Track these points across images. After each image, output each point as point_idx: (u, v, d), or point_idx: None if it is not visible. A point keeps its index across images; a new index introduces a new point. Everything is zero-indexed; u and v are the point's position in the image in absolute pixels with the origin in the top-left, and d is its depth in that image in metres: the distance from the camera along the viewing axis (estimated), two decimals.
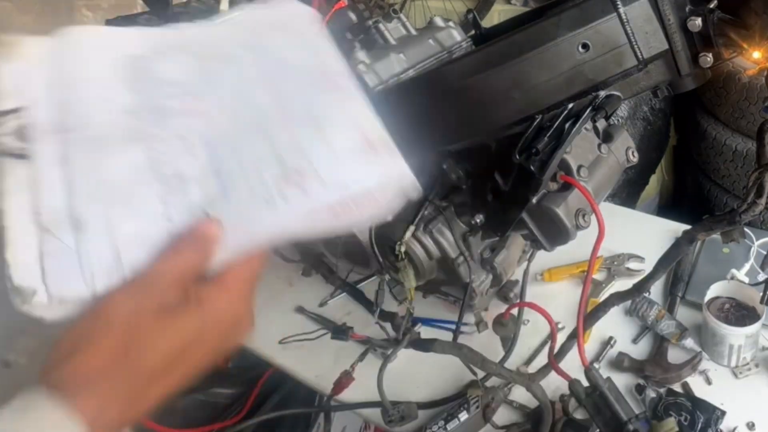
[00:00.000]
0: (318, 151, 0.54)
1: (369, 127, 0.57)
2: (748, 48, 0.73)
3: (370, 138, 0.56)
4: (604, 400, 0.80)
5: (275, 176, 0.53)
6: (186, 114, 0.56)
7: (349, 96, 0.59)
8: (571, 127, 0.75)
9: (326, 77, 0.60)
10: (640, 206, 2.34)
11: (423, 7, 2.97)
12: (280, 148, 0.55)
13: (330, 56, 0.62)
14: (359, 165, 0.55)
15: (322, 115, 0.57)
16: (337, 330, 1.14)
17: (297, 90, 0.58)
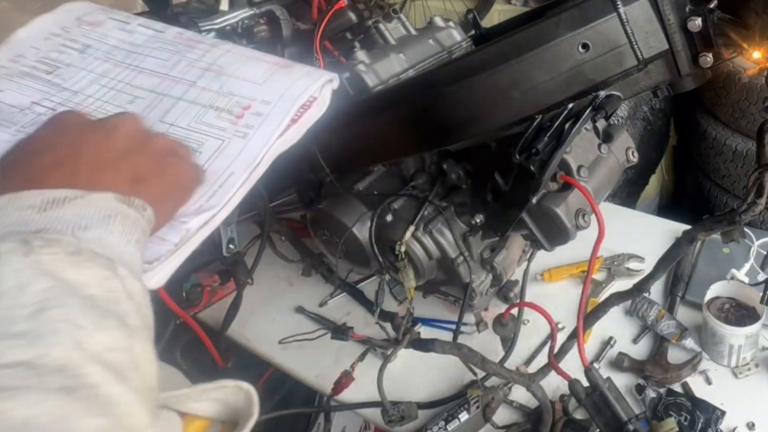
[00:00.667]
0: (242, 86, 0.62)
1: (268, 56, 0.66)
2: (748, 48, 0.73)
3: (276, 61, 0.64)
4: (604, 400, 0.80)
5: (221, 117, 0.60)
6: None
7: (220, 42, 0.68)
8: (571, 127, 0.75)
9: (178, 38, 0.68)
10: (640, 206, 2.34)
11: (423, 7, 2.97)
12: (199, 99, 0.62)
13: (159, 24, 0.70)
14: (286, 80, 0.62)
15: (213, 62, 0.64)
16: (337, 330, 1.14)
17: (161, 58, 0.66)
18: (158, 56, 0.65)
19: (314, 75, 0.63)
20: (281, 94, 0.61)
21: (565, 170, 0.91)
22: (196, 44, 0.66)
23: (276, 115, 0.60)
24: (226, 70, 0.63)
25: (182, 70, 0.64)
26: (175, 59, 0.65)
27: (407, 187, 1.06)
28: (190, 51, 0.65)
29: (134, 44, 0.66)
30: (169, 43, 0.67)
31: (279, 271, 1.36)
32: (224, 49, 0.66)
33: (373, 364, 1.01)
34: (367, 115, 0.93)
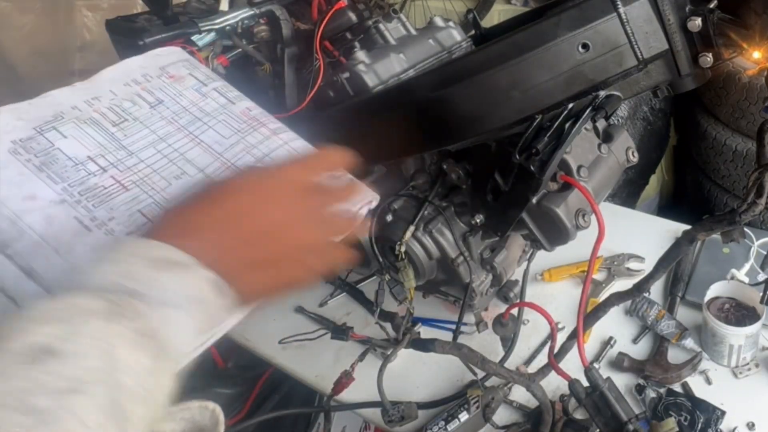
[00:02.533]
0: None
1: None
2: (748, 48, 0.73)
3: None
4: (604, 400, 0.80)
5: None
6: (122, 186, 0.59)
7: (282, 130, 0.70)
8: (571, 127, 0.75)
9: (245, 115, 0.70)
10: (640, 206, 2.34)
11: (423, 7, 2.97)
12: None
13: (234, 91, 0.73)
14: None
15: (267, 155, 0.66)
16: (337, 330, 1.14)
17: (221, 134, 0.67)
18: (220, 131, 0.67)
19: (351, 204, 0.61)
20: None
21: (565, 170, 0.91)
22: (259, 126, 0.68)
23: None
24: None
25: (236, 154, 0.65)
26: (234, 139, 0.66)
27: (407, 187, 1.06)
28: (251, 133, 0.67)
29: (203, 111, 0.68)
30: (235, 118, 0.68)
31: None
32: (283, 140, 0.67)
33: (373, 364, 1.01)
34: (367, 115, 0.93)
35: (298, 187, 0.52)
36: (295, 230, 0.50)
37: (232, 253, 0.47)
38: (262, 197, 0.50)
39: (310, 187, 0.53)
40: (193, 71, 0.72)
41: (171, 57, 0.73)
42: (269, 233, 0.49)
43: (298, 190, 0.52)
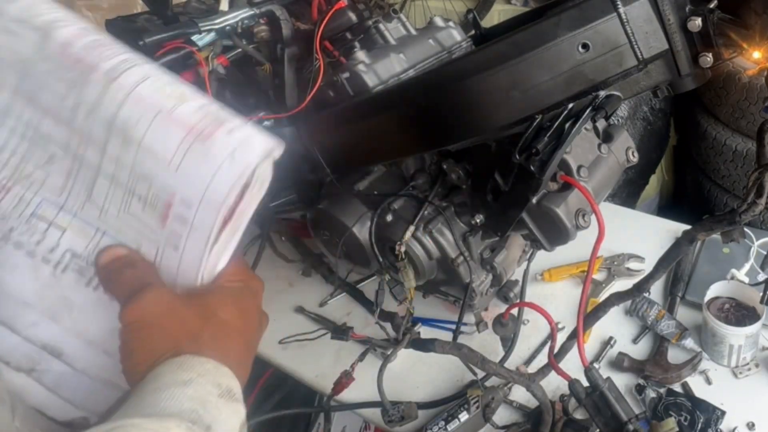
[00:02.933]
0: (155, 170, 0.49)
1: (181, 109, 0.50)
2: (748, 48, 0.73)
3: (192, 124, 0.49)
4: (604, 400, 0.80)
5: (147, 213, 0.51)
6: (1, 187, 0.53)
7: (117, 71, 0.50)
8: (571, 127, 0.75)
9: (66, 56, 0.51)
10: (640, 206, 2.34)
11: (423, 7, 2.97)
12: (118, 178, 0.51)
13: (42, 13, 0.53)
14: (205, 167, 0.48)
15: (114, 116, 0.50)
16: (337, 330, 1.14)
17: (58, 93, 0.51)
18: (53, 88, 0.51)
19: (242, 158, 0.49)
20: (201, 195, 0.48)
21: (565, 170, 0.91)
22: (90, 73, 0.50)
23: (201, 226, 0.49)
24: (132, 133, 0.49)
25: (85, 122, 0.51)
26: (73, 98, 0.51)
27: (407, 187, 1.06)
28: (85, 87, 0.50)
29: (19, 57, 0.52)
30: (60, 66, 0.51)
31: (279, 271, 1.36)
32: (123, 89, 0.50)
33: (373, 364, 1.01)
34: (367, 115, 0.93)
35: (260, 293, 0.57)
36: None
37: (246, 365, 0.52)
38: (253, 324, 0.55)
39: None
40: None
41: None
42: (255, 341, 0.55)
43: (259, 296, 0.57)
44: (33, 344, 0.52)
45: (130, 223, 0.51)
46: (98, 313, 0.52)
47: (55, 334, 0.53)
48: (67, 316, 0.53)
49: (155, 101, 0.50)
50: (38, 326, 0.53)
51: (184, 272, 0.51)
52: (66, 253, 0.53)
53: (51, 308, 0.53)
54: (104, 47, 0.52)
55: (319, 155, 1.00)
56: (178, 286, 0.52)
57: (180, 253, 0.51)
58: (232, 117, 0.51)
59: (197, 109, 0.50)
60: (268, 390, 1.45)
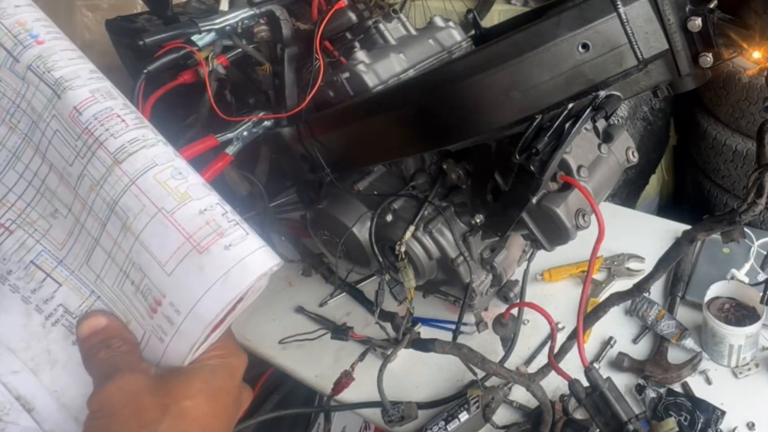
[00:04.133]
0: (149, 265, 0.49)
1: (182, 212, 0.48)
2: (748, 48, 0.73)
3: (190, 231, 0.48)
4: (604, 400, 0.80)
5: (138, 299, 0.50)
6: (3, 227, 0.53)
7: (124, 153, 0.49)
8: (571, 127, 0.75)
9: (76, 123, 0.50)
10: (640, 206, 2.34)
11: (423, 7, 2.97)
12: (115, 257, 0.51)
13: (55, 67, 0.52)
14: (197, 284, 0.47)
15: (116, 201, 0.49)
16: (337, 330, 1.14)
17: (64, 157, 0.51)
18: (59, 149, 0.51)
19: (236, 278, 0.47)
20: (190, 307, 0.48)
21: (565, 170, 0.91)
22: (96, 147, 0.49)
23: (186, 333, 0.49)
24: (132, 224, 0.49)
25: (88, 193, 0.50)
26: (78, 167, 0.50)
27: (407, 187, 1.06)
28: (91, 160, 0.49)
29: (33, 108, 0.51)
30: (69, 129, 0.50)
31: (279, 271, 1.35)
32: (127, 178, 0.48)
33: (373, 364, 1.01)
34: (367, 115, 0.93)
35: (240, 383, 0.53)
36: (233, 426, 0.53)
37: None
38: (223, 412, 0.51)
39: None
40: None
41: None
42: (223, 427, 0.51)
43: (241, 386, 0.54)
44: (9, 392, 0.51)
45: (122, 299, 0.51)
46: (78, 375, 0.51)
47: (31, 387, 0.51)
48: (48, 372, 0.52)
49: (157, 197, 0.48)
50: (18, 375, 0.51)
51: (168, 360, 0.51)
52: (59, 308, 0.52)
53: (34, 359, 0.52)
54: (114, 119, 0.50)
55: (319, 155, 1.01)
56: (161, 366, 0.51)
57: (164, 346, 0.50)
58: (232, 227, 0.49)
59: (198, 213, 0.49)
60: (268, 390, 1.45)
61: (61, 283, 0.52)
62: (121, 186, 0.48)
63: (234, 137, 1.05)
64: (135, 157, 0.49)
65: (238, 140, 1.05)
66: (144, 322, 0.50)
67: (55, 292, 0.52)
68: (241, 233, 0.49)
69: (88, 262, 0.52)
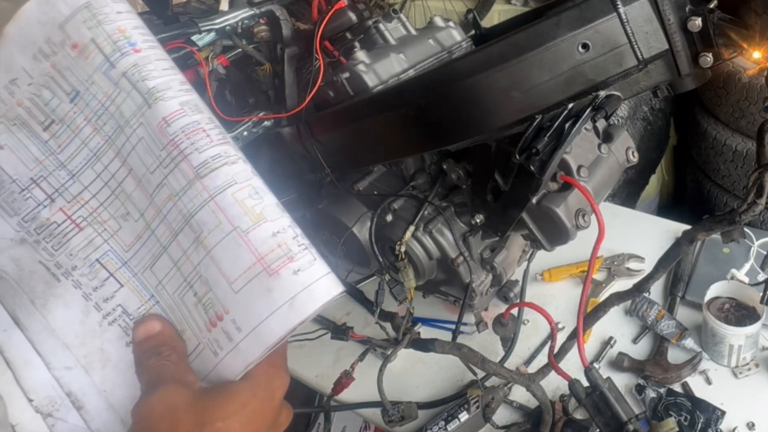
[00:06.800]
0: (217, 281, 0.50)
1: (256, 233, 0.49)
2: (748, 48, 0.73)
3: (262, 253, 0.49)
4: (604, 400, 0.80)
5: (198, 311, 0.51)
6: (74, 224, 0.54)
7: (206, 168, 0.51)
8: (571, 127, 0.75)
9: (163, 133, 0.52)
10: (640, 206, 2.34)
11: (423, 7, 2.97)
12: (181, 267, 0.52)
13: (149, 76, 0.53)
14: (263, 305, 0.48)
15: (192, 214, 0.50)
16: (337, 330, 1.14)
17: (145, 164, 0.52)
18: (142, 156, 0.52)
19: (302, 304, 0.48)
20: (253, 327, 0.49)
21: (565, 170, 0.91)
22: (180, 160, 0.51)
23: (246, 350, 0.49)
24: (205, 239, 0.50)
25: (165, 203, 0.52)
26: (159, 176, 0.52)
27: (407, 187, 1.06)
28: (173, 171, 0.51)
29: (121, 113, 0.53)
30: (154, 139, 0.52)
31: None
32: (207, 192, 0.50)
33: (373, 364, 1.01)
34: (367, 115, 0.93)
35: (280, 403, 0.53)
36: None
37: None
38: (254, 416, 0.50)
39: None
40: (96, 33, 0.53)
41: (68, 1, 0.54)
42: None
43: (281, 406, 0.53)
44: (60, 388, 0.52)
45: (180, 308, 0.52)
46: (128, 377, 0.52)
47: (83, 385, 0.53)
48: (100, 370, 0.53)
49: (234, 215, 0.49)
50: (71, 371, 0.53)
51: (218, 375, 0.51)
52: (118, 308, 0.53)
53: (87, 357, 0.53)
54: (200, 134, 0.52)
55: (319, 155, 1.00)
56: (208, 379, 0.52)
57: (218, 360, 0.51)
58: (301, 252, 0.50)
59: (271, 236, 0.50)
60: None
61: (123, 284, 0.54)
62: (199, 200, 0.50)
63: (234, 137, 1.05)
64: (216, 173, 0.50)
65: (238, 140, 1.05)
66: (200, 334, 0.51)
67: (115, 292, 0.54)
68: (310, 258, 0.50)
69: (152, 268, 0.53)
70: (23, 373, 0.52)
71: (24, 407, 0.51)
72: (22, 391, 0.52)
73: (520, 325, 1.14)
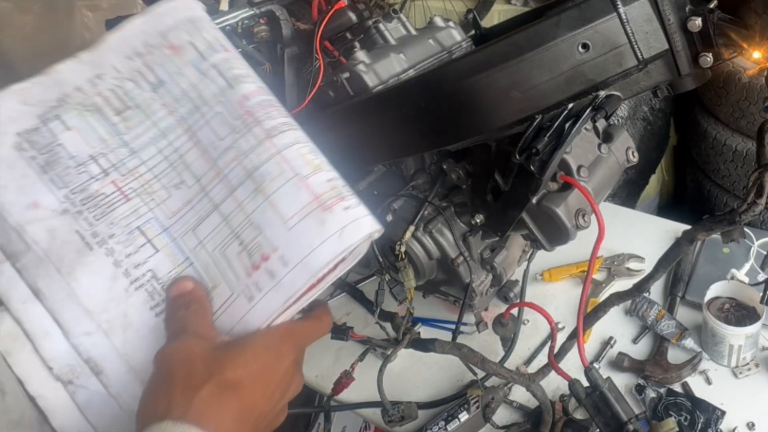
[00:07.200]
0: (271, 222, 0.55)
1: (314, 178, 0.57)
2: (748, 48, 0.73)
3: (318, 193, 0.56)
4: (604, 400, 0.80)
5: (241, 258, 0.55)
6: (123, 195, 0.57)
7: (276, 131, 0.59)
8: (571, 127, 0.75)
9: (241, 106, 0.60)
10: (640, 206, 2.34)
11: (423, 7, 2.97)
12: (231, 219, 0.56)
13: (235, 67, 0.62)
14: (316, 235, 0.54)
15: (257, 167, 0.57)
16: (337, 330, 1.14)
17: (217, 133, 0.59)
18: (216, 127, 0.59)
19: (350, 235, 0.55)
20: (302, 258, 0.53)
21: (565, 170, 0.91)
22: (254, 126, 0.58)
23: (288, 286, 0.54)
24: (266, 186, 0.56)
25: (229, 163, 0.57)
26: (229, 141, 0.58)
27: (407, 187, 1.06)
28: (245, 136, 0.58)
29: (201, 97, 0.60)
30: (231, 112, 0.59)
31: None
32: (275, 148, 0.57)
33: (373, 364, 1.01)
34: (367, 115, 0.93)
35: (291, 368, 0.56)
36: (284, 411, 0.57)
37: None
38: (266, 390, 0.53)
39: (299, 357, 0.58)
40: (194, 37, 0.62)
41: (174, 16, 0.63)
42: (271, 422, 0.55)
43: (292, 371, 0.56)
44: (79, 355, 0.54)
45: (218, 263, 0.56)
46: (151, 339, 0.54)
47: (102, 350, 0.54)
48: (121, 335, 0.54)
49: (296, 165, 0.57)
50: (90, 337, 0.54)
51: (247, 323, 0.54)
52: (148, 272, 0.56)
53: (109, 321, 0.54)
54: (273, 108, 0.62)
55: None
56: (233, 333, 0.54)
57: (252, 305, 0.54)
58: (351, 194, 0.58)
59: (327, 180, 0.57)
60: None
61: (159, 249, 0.56)
62: (267, 155, 0.57)
63: None
64: (285, 134, 0.59)
65: None
66: (237, 283, 0.55)
67: (149, 257, 0.56)
68: (357, 200, 0.58)
69: (196, 230, 0.57)
70: (42, 343, 0.53)
71: (44, 378, 0.53)
72: (42, 361, 0.53)
73: (520, 325, 1.14)
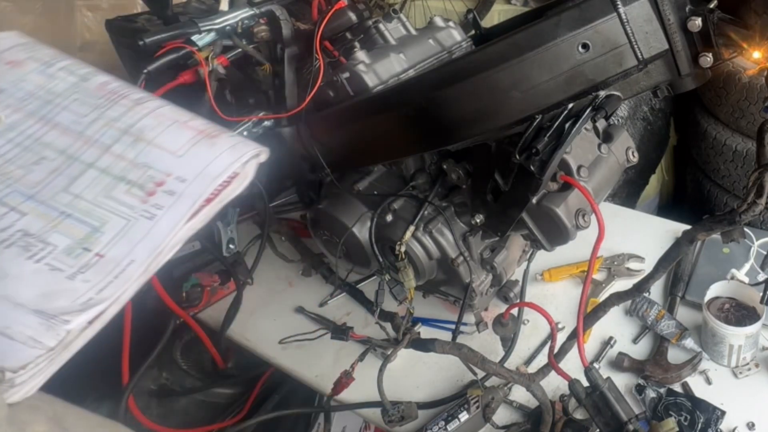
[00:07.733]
0: (158, 158, 0.60)
1: (194, 122, 0.63)
2: (748, 48, 0.73)
3: (203, 128, 0.62)
4: (604, 400, 0.80)
5: (131, 193, 0.59)
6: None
7: (145, 99, 0.65)
8: (571, 127, 0.75)
9: (101, 90, 0.66)
10: (640, 206, 2.34)
11: (423, 7, 2.97)
12: (111, 169, 0.60)
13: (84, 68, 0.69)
14: (208, 153, 0.60)
15: (132, 125, 0.62)
16: (337, 330, 1.14)
17: (78, 113, 0.64)
18: (76, 109, 0.64)
19: (240, 149, 0.61)
20: (199, 171, 0.59)
21: (565, 170, 0.91)
22: (119, 99, 0.65)
23: (190, 195, 0.58)
24: (146, 134, 0.62)
25: (98, 130, 0.63)
26: (94, 115, 0.64)
27: (407, 187, 1.06)
28: (111, 107, 0.64)
29: (52, 92, 0.66)
30: (91, 95, 0.65)
31: (279, 271, 1.36)
32: (148, 108, 0.64)
33: (373, 364, 1.01)
34: (367, 115, 0.93)
35: None
36: None
37: None
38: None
39: None
40: (33, 53, 0.69)
41: (6, 42, 0.70)
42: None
43: None
44: None
45: (103, 204, 0.59)
46: (35, 280, 0.55)
47: None
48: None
49: (173, 116, 0.63)
50: None
51: (148, 242, 0.57)
52: (17, 233, 0.58)
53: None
54: (132, 88, 0.67)
55: (319, 155, 1.01)
56: (133, 255, 0.56)
57: (153, 224, 0.57)
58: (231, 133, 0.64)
59: (207, 123, 0.64)
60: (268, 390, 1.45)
61: (26, 213, 0.59)
62: (140, 115, 0.63)
63: None
64: (154, 101, 0.65)
65: None
66: (130, 213, 0.58)
67: (16, 221, 0.58)
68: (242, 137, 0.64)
69: (68, 188, 0.60)
70: None
71: None
72: None
73: (520, 325, 1.14)
